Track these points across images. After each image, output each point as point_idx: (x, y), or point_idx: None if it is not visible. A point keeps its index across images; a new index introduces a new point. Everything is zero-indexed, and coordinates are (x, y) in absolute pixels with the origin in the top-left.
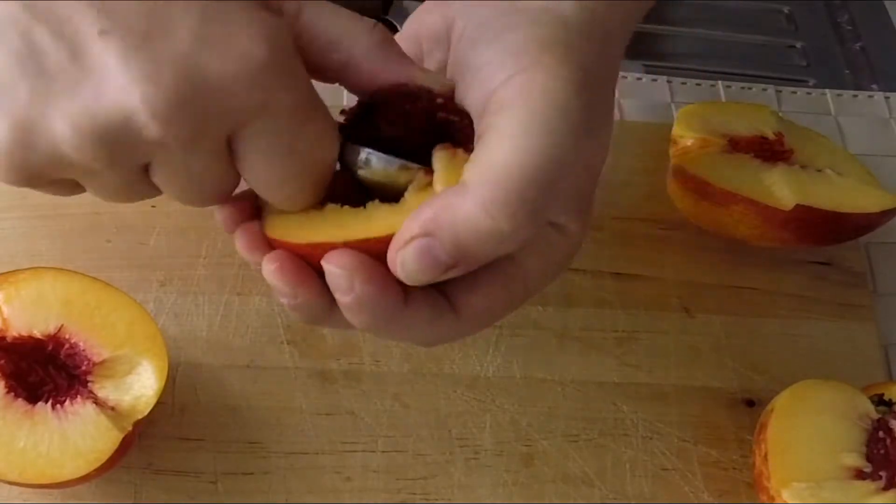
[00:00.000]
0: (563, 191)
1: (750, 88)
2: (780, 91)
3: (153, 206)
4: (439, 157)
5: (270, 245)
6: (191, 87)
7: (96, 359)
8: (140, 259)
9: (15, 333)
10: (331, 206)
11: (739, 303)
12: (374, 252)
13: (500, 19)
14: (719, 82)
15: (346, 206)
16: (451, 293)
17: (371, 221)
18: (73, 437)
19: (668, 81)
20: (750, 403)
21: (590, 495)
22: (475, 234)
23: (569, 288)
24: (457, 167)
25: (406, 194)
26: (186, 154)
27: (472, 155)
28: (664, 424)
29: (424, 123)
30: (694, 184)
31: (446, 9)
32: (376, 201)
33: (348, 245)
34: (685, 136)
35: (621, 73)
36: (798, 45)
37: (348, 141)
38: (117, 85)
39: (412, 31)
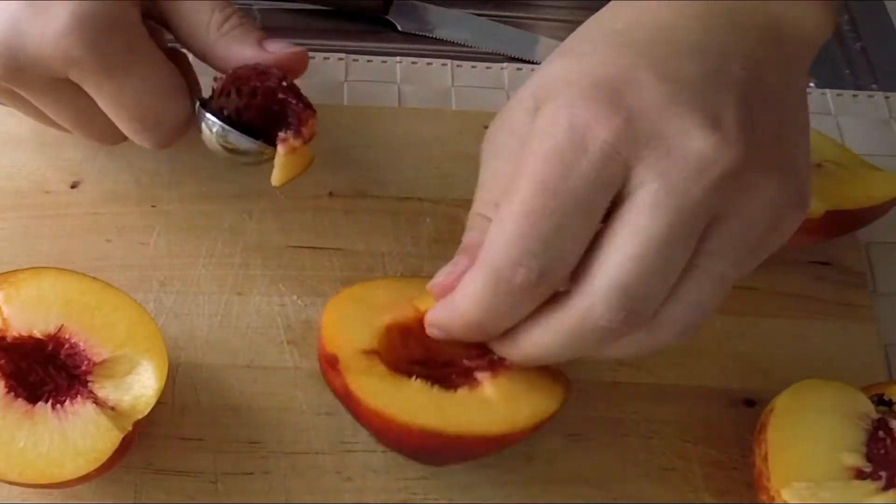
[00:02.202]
0: None
1: None
2: None
3: (153, 206)
4: (282, 144)
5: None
6: (9, 37)
7: (96, 359)
8: (140, 259)
9: (15, 333)
10: (419, 383)
11: (739, 303)
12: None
13: None
14: None
15: (436, 387)
16: None
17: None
18: (73, 437)
19: None
20: (750, 403)
21: (590, 495)
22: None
23: None
24: (295, 162)
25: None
26: (27, 90)
27: None
28: (664, 424)
29: (269, 99)
30: None
31: None
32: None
33: (426, 433)
34: None
35: None
36: None
37: (210, 112)
38: None
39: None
